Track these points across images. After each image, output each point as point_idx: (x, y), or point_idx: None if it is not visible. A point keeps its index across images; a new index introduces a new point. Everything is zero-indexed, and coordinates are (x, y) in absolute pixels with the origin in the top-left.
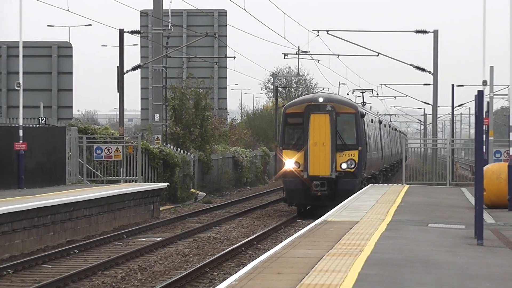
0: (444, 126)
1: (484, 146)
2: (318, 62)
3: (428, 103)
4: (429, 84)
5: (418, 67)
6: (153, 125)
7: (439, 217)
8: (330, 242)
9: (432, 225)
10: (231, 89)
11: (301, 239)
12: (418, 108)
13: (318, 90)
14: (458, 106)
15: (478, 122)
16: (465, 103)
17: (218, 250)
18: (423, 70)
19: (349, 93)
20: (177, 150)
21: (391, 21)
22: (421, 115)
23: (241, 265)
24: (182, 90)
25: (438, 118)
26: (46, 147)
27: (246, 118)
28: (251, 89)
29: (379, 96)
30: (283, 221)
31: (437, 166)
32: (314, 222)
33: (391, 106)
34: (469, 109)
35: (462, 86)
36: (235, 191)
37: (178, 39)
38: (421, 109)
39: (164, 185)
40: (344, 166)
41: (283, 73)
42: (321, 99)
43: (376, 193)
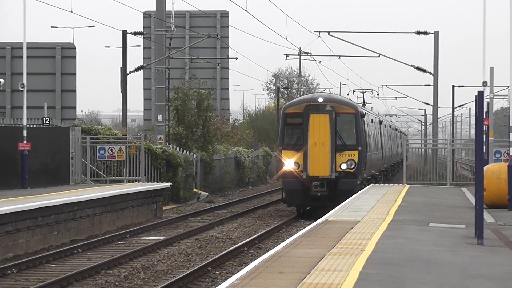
0: (444, 127)
1: (484, 147)
2: (320, 63)
3: (428, 104)
4: (429, 84)
5: (418, 68)
6: (156, 125)
7: (440, 217)
8: (332, 242)
9: (432, 224)
10: (233, 89)
11: (302, 239)
12: (419, 108)
13: (319, 90)
14: (459, 106)
15: (478, 122)
16: (465, 104)
17: (221, 249)
18: (424, 71)
19: (349, 93)
20: (179, 150)
21: (392, 22)
22: (421, 116)
23: (243, 264)
24: (185, 90)
25: (439, 118)
26: (50, 148)
27: (248, 118)
28: (253, 89)
29: (380, 96)
30: (285, 220)
31: (437, 166)
32: (315, 221)
33: (392, 106)
34: (469, 109)
35: (463, 86)
36: (237, 191)
37: (181, 40)
38: (421, 109)
39: (167, 185)
40: (344, 166)
41: (285, 74)
42: (320, 99)
43: (377, 193)
